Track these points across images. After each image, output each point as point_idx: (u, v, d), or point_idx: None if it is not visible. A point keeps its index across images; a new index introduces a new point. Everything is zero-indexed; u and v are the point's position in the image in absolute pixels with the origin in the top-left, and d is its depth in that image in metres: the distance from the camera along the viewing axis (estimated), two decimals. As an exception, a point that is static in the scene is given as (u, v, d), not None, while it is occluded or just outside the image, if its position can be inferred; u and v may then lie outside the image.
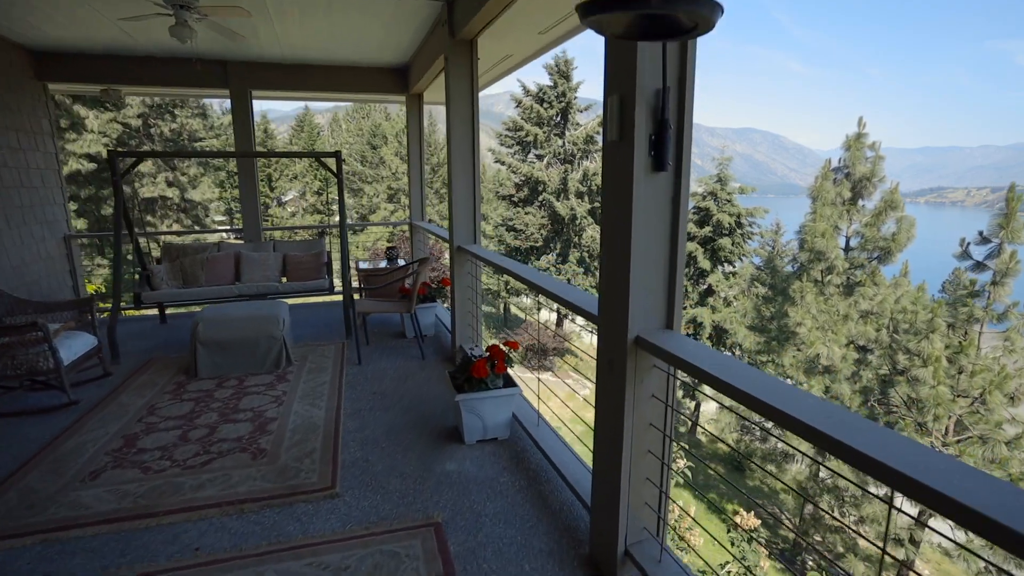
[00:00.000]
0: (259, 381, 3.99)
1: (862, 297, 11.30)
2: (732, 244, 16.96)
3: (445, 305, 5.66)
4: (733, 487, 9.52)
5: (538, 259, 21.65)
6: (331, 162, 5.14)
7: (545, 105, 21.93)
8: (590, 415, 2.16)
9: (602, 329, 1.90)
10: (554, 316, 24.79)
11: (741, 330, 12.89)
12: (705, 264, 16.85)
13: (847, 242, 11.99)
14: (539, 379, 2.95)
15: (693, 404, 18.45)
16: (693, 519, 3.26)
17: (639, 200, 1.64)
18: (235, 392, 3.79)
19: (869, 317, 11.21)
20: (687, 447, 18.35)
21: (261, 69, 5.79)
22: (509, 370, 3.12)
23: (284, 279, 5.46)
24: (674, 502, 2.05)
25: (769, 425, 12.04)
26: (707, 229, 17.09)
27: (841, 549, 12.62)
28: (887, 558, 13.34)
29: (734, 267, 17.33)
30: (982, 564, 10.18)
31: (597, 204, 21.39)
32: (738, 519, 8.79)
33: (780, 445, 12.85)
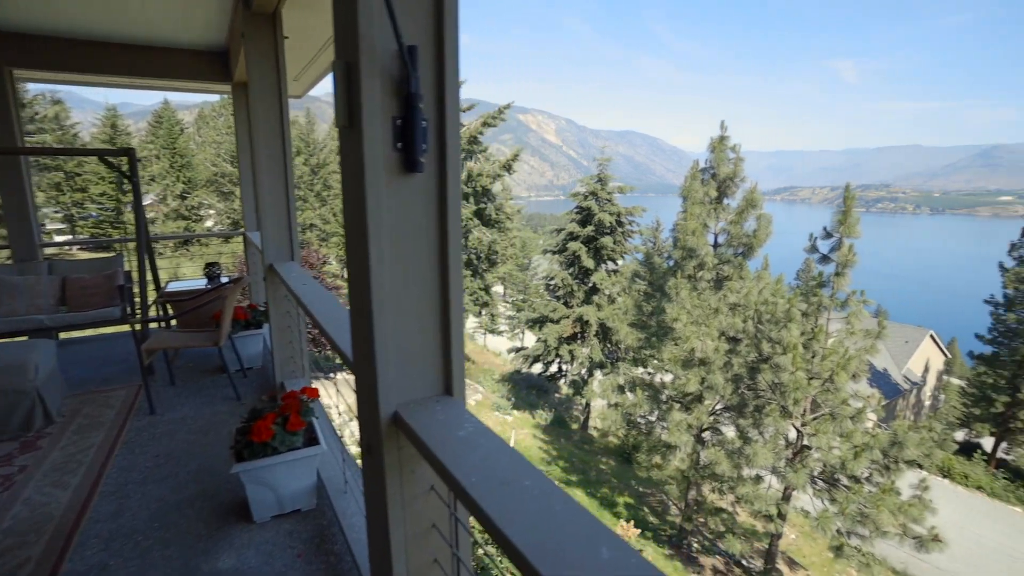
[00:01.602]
0: (-6, 452, 3.00)
1: (730, 291, 11.91)
2: (614, 242, 17.39)
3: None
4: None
5: (425, 263, 20.91)
6: (123, 163, 4.16)
7: (425, 103, 21.16)
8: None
9: (358, 393, 1.35)
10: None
11: (623, 327, 13.13)
12: (589, 263, 17.11)
13: (715, 239, 12.60)
14: (340, 437, 2.36)
15: (584, 402, 18.80)
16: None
17: (381, 214, 1.11)
18: (-53, 473, 2.79)
19: (737, 309, 11.84)
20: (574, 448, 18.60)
21: (25, 42, 4.58)
22: (315, 420, 2.49)
23: (65, 308, 4.36)
24: None
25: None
26: (589, 228, 17.37)
27: (722, 529, 13.31)
28: (760, 527, 14.27)
29: (616, 265, 17.82)
30: (834, 527, 11.08)
31: (482, 205, 21.09)
32: (619, 530, 8.83)
33: (664, 436, 13.27)
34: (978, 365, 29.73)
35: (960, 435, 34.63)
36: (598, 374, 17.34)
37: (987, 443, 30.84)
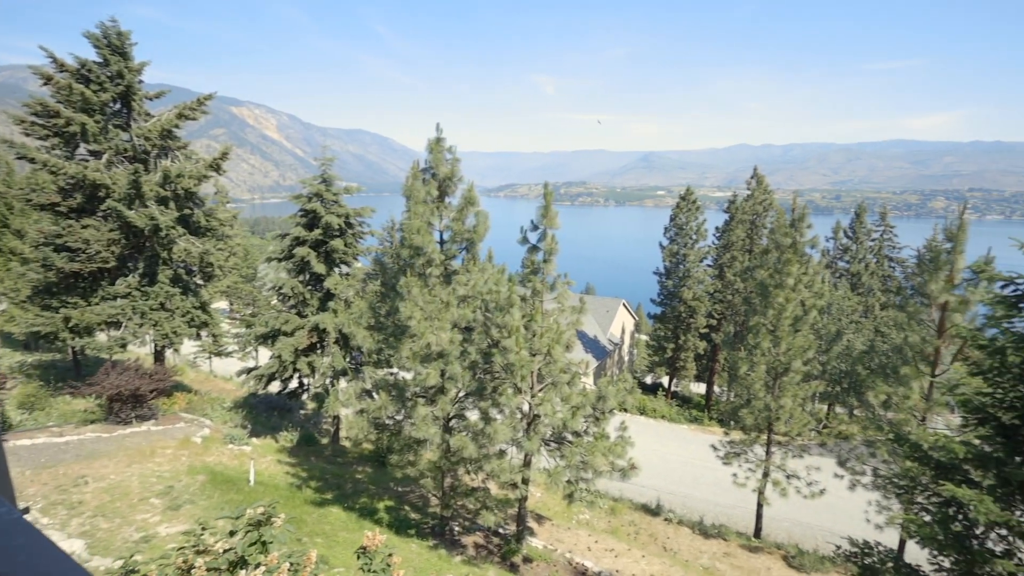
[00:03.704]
0: None
1: (459, 284, 12.59)
2: (345, 245, 16.77)
3: None
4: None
5: (113, 283, 16.91)
6: None
7: (93, 87, 17.06)
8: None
9: None
10: (147, 349, 20.04)
11: (360, 331, 12.79)
12: (320, 268, 16.15)
13: (441, 236, 13.15)
14: None
15: (333, 418, 17.89)
16: None
17: None
18: None
19: (467, 301, 12.60)
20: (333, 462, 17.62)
21: None
22: None
23: None
24: None
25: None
26: (317, 232, 16.39)
27: (478, 506, 14.15)
28: (511, 495, 15.61)
29: (350, 268, 17.28)
30: (564, 479, 12.76)
31: (188, 211, 18.06)
32: (365, 540, 8.53)
33: (413, 432, 13.42)
34: (655, 323, 38.01)
35: (649, 379, 43.90)
36: (343, 382, 16.64)
37: (666, 382, 39.75)
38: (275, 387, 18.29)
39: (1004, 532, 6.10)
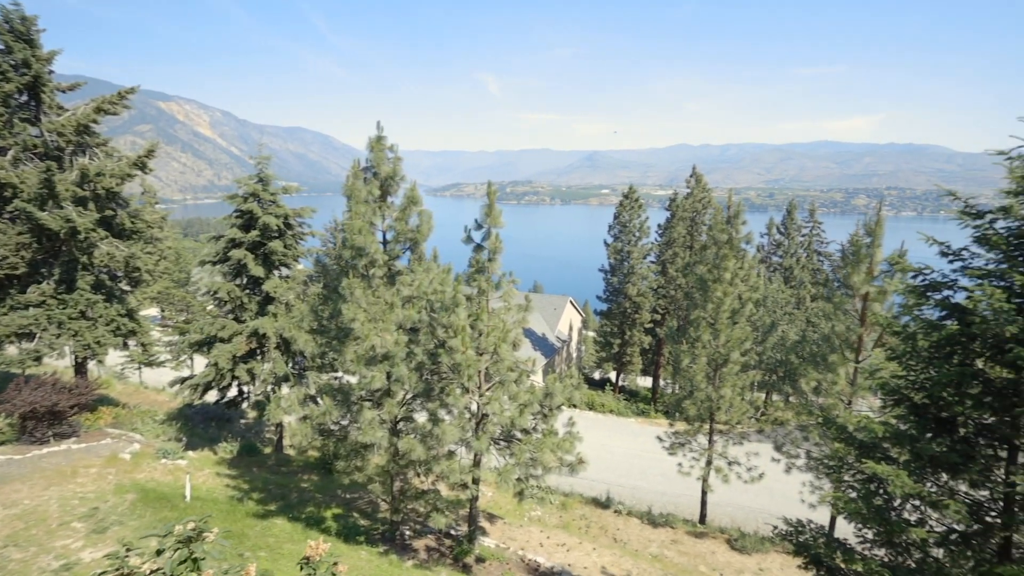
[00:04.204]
0: None
1: (403, 284, 12.38)
2: (285, 246, 16.15)
3: None
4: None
5: (24, 291, 15.60)
6: None
7: (-6, 76, 15.69)
8: None
9: None
10: (67, 361, 18.62)
11: (302, 335, 12.36)
12: (258, 271, 15.48)
13: (384, 236, 12.89)
14: None
15: (275, 426, 17.17)
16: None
17: None
18: None
19: (411, 301, 12.40)
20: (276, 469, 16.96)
21: None
22: None
23: None
24: None
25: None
26: (254, 233, 15.70)
27: (428, 509, 13.96)
28: (462, 496, 15.51)
29: (291, 270, 16.66)
30: (514, 477, 12.77)
31: (110, 212, 16.88)
32: (308, 550, 8.24)
33: (359, 437, 13.10)
34: (601, 319, 38.72)
35: (597, 374, 44.69)
36: (285, 389, 16.06)
37: (613, 377, 40.52)
38: (212, 396, 17.42)
39: (917, 503, 6.58)
